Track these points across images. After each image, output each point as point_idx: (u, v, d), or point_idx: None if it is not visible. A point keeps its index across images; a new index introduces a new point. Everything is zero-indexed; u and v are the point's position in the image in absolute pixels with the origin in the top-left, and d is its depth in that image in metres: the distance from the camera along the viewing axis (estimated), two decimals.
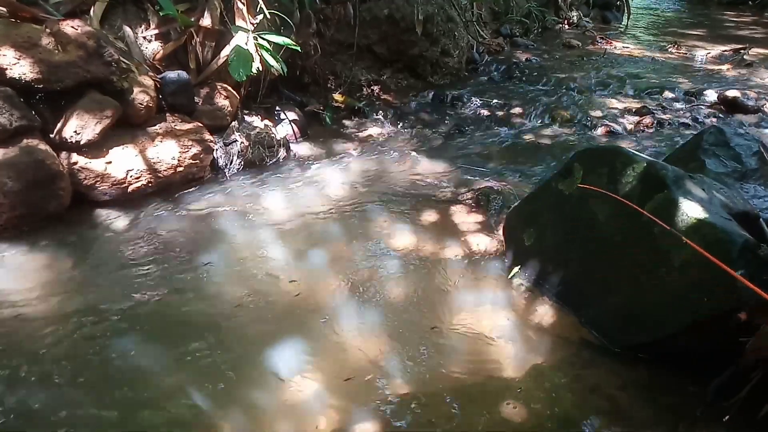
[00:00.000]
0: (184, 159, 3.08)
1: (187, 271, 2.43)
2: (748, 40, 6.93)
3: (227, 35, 3.42)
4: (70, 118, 2.74)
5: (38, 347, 1.99)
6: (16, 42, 2.60)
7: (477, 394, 1.85)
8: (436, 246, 2.66)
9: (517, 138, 4.11)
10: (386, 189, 3.25)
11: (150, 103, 3.02)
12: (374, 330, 2.12)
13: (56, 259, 2.48)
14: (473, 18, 6.11)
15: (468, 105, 4.69)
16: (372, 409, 1.78)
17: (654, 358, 1.96)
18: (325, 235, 2.75)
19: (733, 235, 1.79)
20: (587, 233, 2.17)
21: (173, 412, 1.76)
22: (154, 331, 2.09)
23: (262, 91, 3.90)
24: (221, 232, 2.74)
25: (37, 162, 2.60)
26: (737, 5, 10.35)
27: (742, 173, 2.50)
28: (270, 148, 3.48)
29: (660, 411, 1.80)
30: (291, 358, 1.97)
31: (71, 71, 2.72)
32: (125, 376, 1.88)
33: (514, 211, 2.57)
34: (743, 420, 1.67)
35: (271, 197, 3.10)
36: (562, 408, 1.81)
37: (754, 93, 4.58)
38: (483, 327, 2.15)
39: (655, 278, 1.92)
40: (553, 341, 2.09)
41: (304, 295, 2.30)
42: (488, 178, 3.35)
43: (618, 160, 2.11)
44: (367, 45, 4.80)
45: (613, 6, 8.81)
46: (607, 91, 4.99)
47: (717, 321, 1.78)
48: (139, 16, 3.35)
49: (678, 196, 1.91)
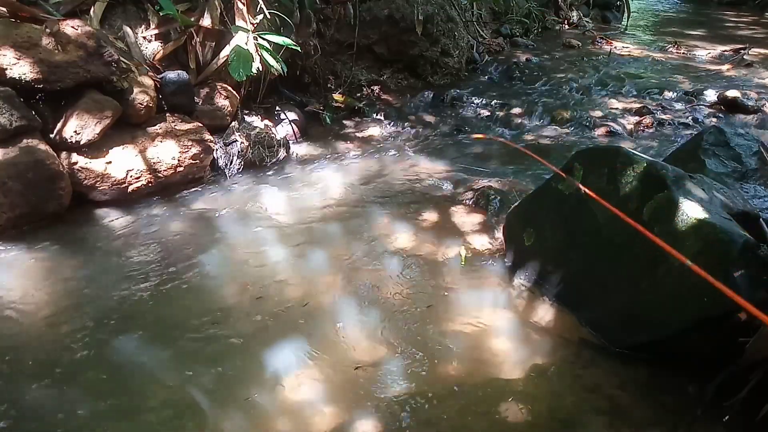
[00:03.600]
0: (184, 159, 3.08)
1: (187, 271, 2.43)
2: (748, 40, 6.92)
3: (227, 35, 3.42)
4: (70, 118, 2.74)
5: (38, 347, 1.99)
6: (16, 42, 2.61)
7: (477, 394, 1.85)
8: (436, 246, 2.65)
9: (517, 138, 4.10)
10: (386, 189, 3.25)
11: (150, 103, 3.02)
12: (374, 330, 2.12)
13: (56, 259, 2.48)
14: (473, 18, 6.12)
15: (468, 105, 4.69)
16: (372, 409, 1.78)
17: (654, 358, 1.96)
18: (325, 235, 2.75)
19: (733, 235, 1.79)
20: (587, 233, 2.17)
21: (173, 411, 1.76)
22: (154, 331, 2.09)
23: (262, 91, 3.90)
24: (221, 232, 2.74)
25: (37, 162, 2.60)
26: (737, 5, 10.35)
27: (742, 173, 2.50)
28: (270, 148, 3.48)
29: (660, 411, 1.80)
30: (290, 357, 1.97)
31: (71, 71, 2.72)
32: (125, 376, 1.88)
33: (514, 211, 2.57)
34: (743, 420, 1.67)
35: (271, 197, 3.10)
36: (562, 408, 1.81)
37: (754, 93, 4.58)
38: (483, 327, 2.15)
39: (655, 278, 1.92)
40: (553, 341, 2.09)
41: (304, 295, 2.30)
42: (488, 178, 3.35)
43: (618, 160, 2.11)
44: (367, 45, 4.80)
45: (613, 6, 8.80)
46: (607, 91, 4.99)
47: (717, 321, 1.78)
48: (139, 16, 3.35)
49: (678, 196, 1.91)
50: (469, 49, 5.56)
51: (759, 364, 1.67)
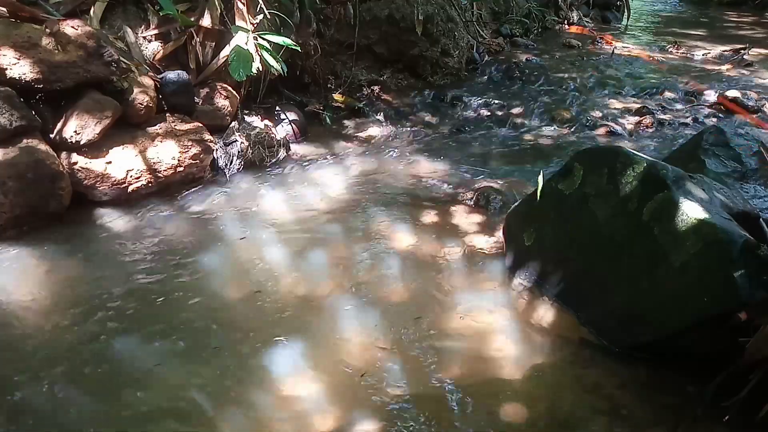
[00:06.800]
0: (184, 159, 3.07)
1: (187, 271, 2.43)
2: (748, 40, 6.92)
3: (227, 35, 3.42)
4: (70, 118, 2.74)
5: (38, 346, 1.99)
6: (16, 42, 2.61)
7: (477, 394, 1.85)
8: (436, 246, 2.66)
9: (517, 138, 4.10)
10: (386, 189, 3.25)
11: (150, 103, 3.02)
12: (373, 329, 2.12)
13: (56, 259, 2.48)
14: (473, 18, 6.11)
15: (468, 105, 4.68)
16: (372, 409, 1.78)
17: (654, 358, 1.96)
18: (325, 235, 2.75)
19: (733, 235, 1.79)
20: (587, 233, 2.17)
21: (173, 411, 1.76)
22: (154, 331, 2.09)
23: (262, 91, 3.90)
24: (221, 232, 2.74)
25: (37, 162, 2.60)
26: (737, 5, 10.33)
27: (742, 173, 2.50)
28: (270, 148, 3.48)
29: (660, 411, 1.80)
30: (290, 357, 1.97)
31: (71, 71, 2.72)
32: (125, 375, 1.88)
33: (514, 211, 2.57)
34: (743, 420, 1.67)
35: (271, 197, 3.10)
36: (562, 408, 1.81)
37: (754, 93, 4.58)
38: (483, 327, 2.15)
39: (655, 278, 1.92)
40: (553, 341, 2.09)
41: (304, 295, 2.30)
42: (488, 178, 3.35)
43: (618, 160, 2.11)
44: (367, 45, 4.80)
45: (613, 6, 8.79)
46: (607, 91, 4.98)
47: (717, 321, 1.78)
48: (139, 16, 3.35)
49: (678, 197, 1.91)
50: (469, 49, 5.55)
51: (759, 364, 1.67)
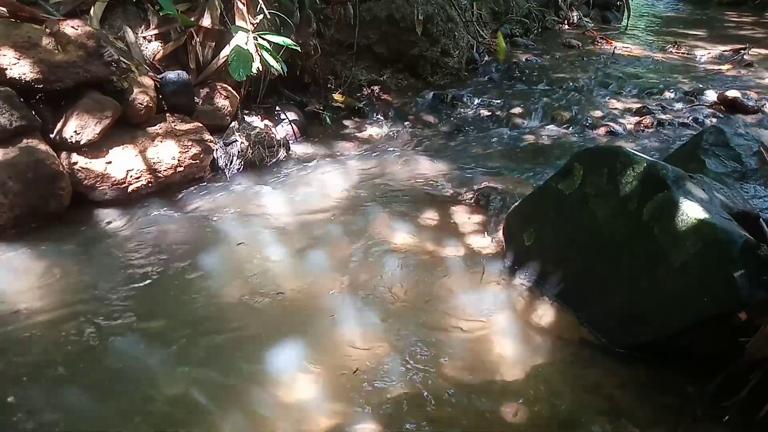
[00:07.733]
0: (184, 159, 3.07)
1: (187, 271, 2.43)
2: (748, 40, 6.92)
3: (227, 35, 3.42)
4: (70, 118, 2.74)
5: (38, 346, 1.99)
6: (16, 42, 2.61)
7: (477, 394, 1.85)
8: (436, 246, 2.65)
9: (517, 138, 4.10)
10: (386, 189, 3.25)
11: (150, 103, 3.02)
12: (374, 330, 2.12)
13: (56, 259, 2.48)
14: (473, 18, 6.11)
15: (468, 105, 4.68)
16: (372, 409, 1.78)
17: (654, 358, 1.96)
18: (325, 235, 2.75)
19: (733, 235, 1.79)
20: (587, 233, 2.17)
21: (173, 411, 1.76)
22: (154, 331, 2.09)
23: (262, 91, 3.90)
24: (221, 232, 2.74)
25: (37, 162, 2.60)
26: (737, 5, 10.33)
27: (742, 173, 2.50)
28: (270, 148, 3.48)
29: (660, 411, 1.80)
30: (290, 357, 1.97)
31: (71, 71, 2.72)
32: (125, 375, 1.88)
33: (514, 211, 2.57)
34: (743, 420, 1.67)
35: (271, 197, 3.10)
36: (562, 408, 1.81)
37: (754, 93, 4.58)
38: (483, 327, 2.15)
39: (655, 278, 1.92)
40: (553, 341, 2.09)
41: (304, 295, 2.30)
42: (488, 178, 3.34)
43: (618, 160, 2.11)
44: (367, 45, 4.80)
45: (613, 6, 8.79)
46: (607, 91, 4.99)
47: (717, 321, 1.78)
48: (139, 16, 3.35)
49: (678, 197, 1.91)
50: (469, 49, 5.55)
51: (759, 364, 1.67)
